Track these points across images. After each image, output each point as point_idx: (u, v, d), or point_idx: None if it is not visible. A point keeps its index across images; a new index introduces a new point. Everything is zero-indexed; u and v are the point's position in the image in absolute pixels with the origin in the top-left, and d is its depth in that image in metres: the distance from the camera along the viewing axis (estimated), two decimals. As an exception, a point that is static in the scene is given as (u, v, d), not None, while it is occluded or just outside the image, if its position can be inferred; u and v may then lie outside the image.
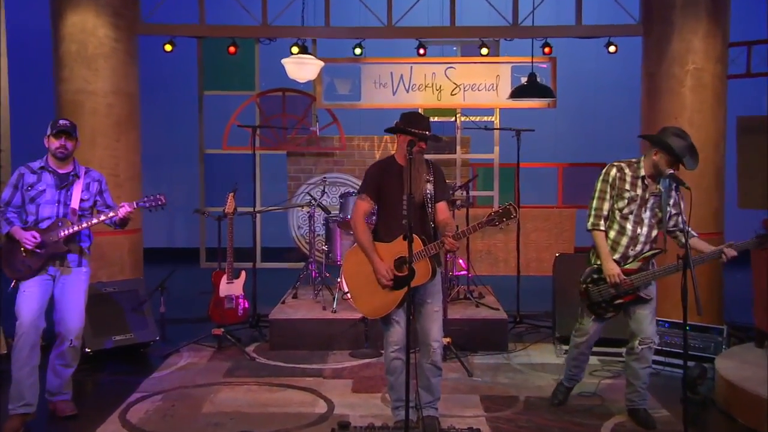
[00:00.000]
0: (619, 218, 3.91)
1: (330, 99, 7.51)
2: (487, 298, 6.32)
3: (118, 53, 6.25)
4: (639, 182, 3.89)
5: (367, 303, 3.74)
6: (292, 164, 7.86)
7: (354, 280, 3.78)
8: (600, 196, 3.93)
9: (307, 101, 7.66)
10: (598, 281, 3.94)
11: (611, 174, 3.91)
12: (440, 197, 3.79)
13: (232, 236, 5.61)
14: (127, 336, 5.42)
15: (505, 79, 7.27)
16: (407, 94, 7.32)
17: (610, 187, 3.91)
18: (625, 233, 3.90)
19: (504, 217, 3.56)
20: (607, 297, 3.92)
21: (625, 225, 3.90)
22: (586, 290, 3.97)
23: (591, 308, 3.99)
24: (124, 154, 6.35)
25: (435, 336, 3.75)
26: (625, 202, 3.89)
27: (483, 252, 7.31)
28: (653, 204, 3.90)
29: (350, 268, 3.81)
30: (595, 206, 3.94)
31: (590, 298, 3.96)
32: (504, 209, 3.57)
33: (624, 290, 3.88)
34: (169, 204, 4.32)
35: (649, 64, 6.23)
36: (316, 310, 5.89)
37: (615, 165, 3.94)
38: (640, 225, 3.89)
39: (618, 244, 3.92)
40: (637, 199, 3.88)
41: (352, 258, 3.79)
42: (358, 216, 3.76)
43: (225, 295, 5.65)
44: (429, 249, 3.62)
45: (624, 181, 3.89)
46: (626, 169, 3.91)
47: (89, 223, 4.06)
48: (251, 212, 6.43)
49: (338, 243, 6.22)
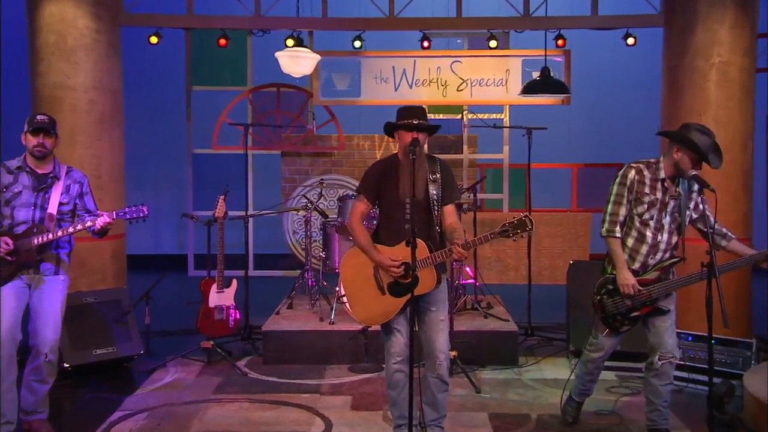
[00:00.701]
0: (638, 224, 3.87)
1: (328, 95, 7.51)
2: (496, 308, 6.30)
3: (99, 45, 6.25)
4: (659, 185, 3.84)
5: (364, 309, 3.72)
6: (287, 165, 7.86)
7: (352, 283, 3.76)
8: (616, 200, 3.89)
9: (303, 97, 7.66)
10: (612, 292, 3.91)
11: (629, 176, 3.86)
12: (448, 199, 3.76)
13: (222, 242, 5.60)
14: (109, 350, 5.40)
15: (516, 73, 7.26)
16: (410, 90, 7.32)
17: (628, 190, 3.86)
18: (644, 240, 3.86)
19: (518, 229, 3.54)
20: (622, 309, 3.89)
21: (644, 232, 3.86)
22: (600, 302, 3.94)
23: (605, 321, 3.96)
24: (107, 153, 6.34)
25: (441, 347, 3.72)
26: (644, 207, 3.85)
27: (492, 259, 7.29)
28: (673, 208, 3.86)
29: (349, 271, 3.79)
30: (611, 211, 3.91)
31: (604, 310, 3.93)
32: (519, 221, 3.55)
33: (641, 302, 3.86)
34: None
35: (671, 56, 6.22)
36: (313, 322, 5.87)
37: (633, 166, 3.89)
38: (661, 231, 3.86)
39: (637, 252, 3.89)
40: (657, 204, 3.83)
41: (351, 260, 3.78)
42: (355, 217, 3.76)
43: (215, 305, 5.63)
44: (435, 257, 3.60)
45: (643, 184, 3.85)
46: (645, 171, 3.86)
47: (65, 231, 4.02)
48: (243, 216, 6.42)
49: (336, 249, 6.21)
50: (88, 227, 4.03)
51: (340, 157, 7.83)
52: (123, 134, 6.58)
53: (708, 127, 3.89)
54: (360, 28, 7.18)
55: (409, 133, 3.65)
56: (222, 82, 7.72)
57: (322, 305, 6.14)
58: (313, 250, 7.09)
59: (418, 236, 3.53)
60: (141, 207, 4.09)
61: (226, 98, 7.62)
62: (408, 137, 3.65)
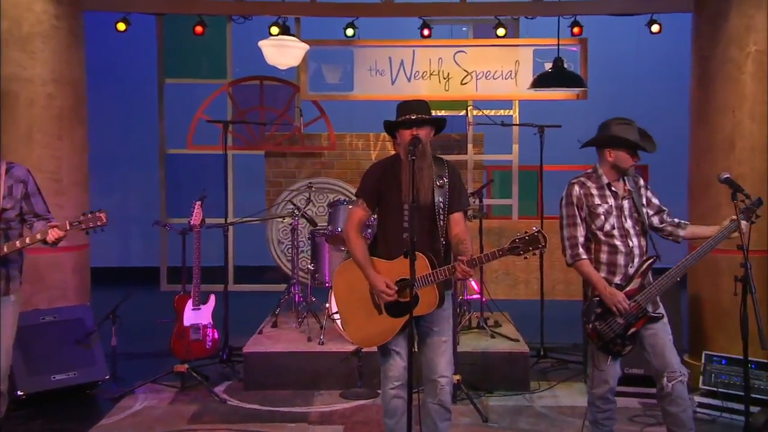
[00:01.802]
0: (603, 237, 3.97)
1: (317, 89, 7.51)
2: (504, 327, 6.29)
3: (59, 33, 6.22)
4: (606, 191, 3.99)
5: (359, 329, 3.71)
6: (272, 167, 7.85)
7: (345, 300, 3.75)
8: (569, 223, 4.00)
9: (289, 92, 7.66)
10: (603, 315, 3.96)
11: (574, 193, 4.00)
12: (455, 207, 3.75)
13: (199, 253, 5.58)
14: (69, 375, 5.37)
15: (526, 65, 7.28)
16: (409, 83, 7.33)
17: (578, 208, 3.99)
18: (618, 250, 3.95)
19: (530, 246, 3.55)
20: (618, 330, 3.94)
21: (613, 242, 3.96)
22: (595, 330, 3.97)
23: (605, 348, 3.99)
24: (68, 154, 6.31)
25: (443, 371, 3.71)
26: (601, 219, 3.96)
27: (499, 272, 7.29)
28: (630, 210, 4.00)
29: (342, 286, 3.78)
30: (568, 235, 4.00)
31: (601, 337, 3.97)
32: (531, 236, 3.55)
33: (633, 316, 3.91)
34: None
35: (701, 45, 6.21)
36: (300, 342, 5.85)
37: (574, 182, 4.05)
38: (628, 237, 3.96)
39: (615, 264, 3.96)
40: (613, 210, 3.97)
41: (345, 274, 3.76)
42: (352, 225, 3.74)
43: (190, 324, 5.62)
44: (437, 274, 3.58)
45: (591, 195, 3.99)
46: (588, 182, 4.01)
47: (11, 247, 3.90)
48: (222, 224, 6.40)
49: (326, 261, 6.20)
50: (37, 241, 3.94)
51: (330, 158, 7.83)
52: (86, 133, 6.55)
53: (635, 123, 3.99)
54: (353, 14, 7.18)
55: (409, 130, 3.64)
56: (198, 75, 7.73)
57: (310, 324, 6.13)
58: (301, 262, 7.06)
59: (419, 248, 3.51)
60: (98, 214, 3.96)
61: (203, 92, 7.62)
62: (408, 135, 3.64)
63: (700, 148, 5.83)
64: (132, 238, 10.77)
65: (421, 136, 3.62)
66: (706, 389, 5.12)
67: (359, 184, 3.79)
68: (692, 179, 5.95)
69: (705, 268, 5.61)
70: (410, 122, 3.63)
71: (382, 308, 3.66)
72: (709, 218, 5.34)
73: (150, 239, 9.39)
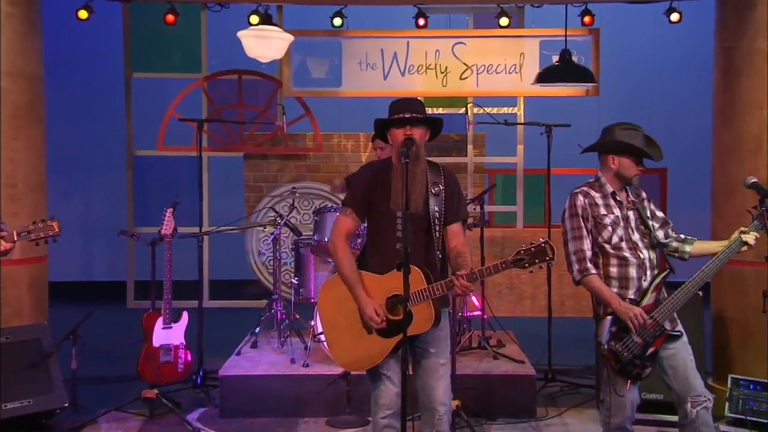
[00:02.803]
0: (611, 251, 4.01)
1: (301, 84, 7.53)
2: (508, 346, 6.30)
3: (13, 21, 6.20)
4: (611, 201, 4.05)
5: (347, 351, 3.71)
6: (252, 170, 7.85)
7: (332, 318, 3.75)
8: (575, 236, 4.03)
9: (270, 87, 7.67)
10: (619, 335, 3.98)
11: (578, 204, 4.04)
12: (453, 217, 3.76)
13: (170, 266, 5.58)
14: (23, 402, 5.32)
15: (532, 58, 7.31)
16: (402, 78, 7.35)
17: (583, 220, 4.03)
18: (628, 263, 3.99)
19: (536, 259, 3.56)
20: (636, 350, 3.95)
21: (623, 254, 4.00)
22: (611, 351, 3.98)
23: (624, 372, 3.99)
24: (24, 156, 6.29)
25: (441, 397, 3.72)
26: (609, 231, 4.01)
27: (503, 286, 7.30)
28: (636, 221, 4.06)
29: (328, 302, 3.78)
30: (573, 249, 4.03)
31: (619, 359, 3.97)
32: (537, 248, 3.57)
33: (651, 334, 3.92)
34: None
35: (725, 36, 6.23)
36: (283, 364, 5.85)
37: (578, 192, 4.09)
38: (637, 249, 4.01)
39: (627, 278, 3.99)
40: (620, 221, 4.02)
41: (332, 289, 3.77)
42: (339, 236, 3.74)
43: (160, 344, 5.60)
44: (433, 290, 3.59)
45: (597, 205, 4.04)
46: (592, 192, 4.07)
47: None
48: (196, 234, 6.40)
49: (312, 275, 6.20)
50: None
51: (316, 160, 7.83)
52: (44, 132, 6.53)
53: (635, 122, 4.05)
54: (341, 2, 7.19)
55: (401, 129, 3.65)
56: (170, 68, 7.72)
57: (294, 344, 6.12)
58: (283, 275, 7.06)
59: (413, 262, 3.51)
60: (49, 223, 3.96)
61: (175, 88, 7.62)
62: (400, 135, 3.65)
63: (724, 149, 5.85)
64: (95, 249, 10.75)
65: (415, 137, 3.62)
66: (733, 417, 5.14)
67: (347, 189, 3.81)
68: (715, 184, 5.97)
69: (730, 282, 5.64)
70: (403, 121, 3.65)
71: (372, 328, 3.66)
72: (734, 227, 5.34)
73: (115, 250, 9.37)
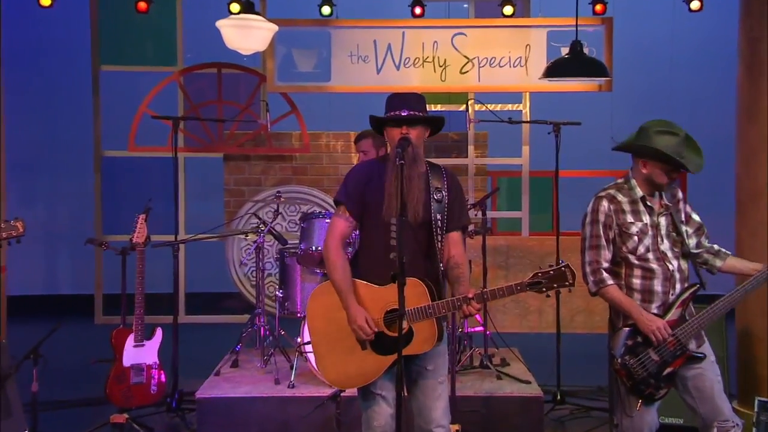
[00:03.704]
0: (636, 261, 4.00)
1: (287, 79, 7.55)
2: (513, 365, 6.32)
3: (-31, 8, 6.21)
4: (641, 206, 4.02)
5: (337, 367, 3.71)
6: (232, 173, 7.87)
7: (322, 331, 3.75)
8: (593, 245, 4.02)
9: (253, 82, 7.69)
10: (635, 349, 3.98)
11: (602, 210, 4.02)
12: (454, 224, 3.78)
13: (142, 277, 5.58)
14: (-18, 427, 5.33)
15: (539, 50, 7.34)
16: (397, 72, 7.37)
17: (605, 227, 4.01)
18: (653, 275, 3.98)
19: (555, 283, 3.59)
20: (652, 368, 3.96)
21: (649, 266, 3.99)
22: (625, 366, 4.00)
23: (636, 390, 4.01)
24: (-20, 157, 6.31)
25: (439, 419, 3.73)
26: (635, 241, 3.98)
27: (507, 299, 7.32)
28: (668, 228, 4.03)
29: (318, 313, 3.77)
30: (589, 259, 4.02)
31: (632, 376, 3.99)
32: (557, 271, 3.58)
33: (670, 353, 3.93)
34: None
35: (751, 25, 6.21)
36: (266, 385, 5.85)
37: (603, 195, 4.06)
38: (665, 260, 3.99)
39: (651, 292, 3.99)
40: (648, 230, 3.99)
41: (322, 298, 3.76)
42: (334, 240, 3.73)
43: (131, 364, 5.60)
44: (437, 308, 3.60)
45: (622, 212, 4.01)
46: (619, 195, 4.03)
47: None
48: (172, 242, 6.40)
49: (298, 287, 6.20)
50: None
51: (303, 161, 7.86)
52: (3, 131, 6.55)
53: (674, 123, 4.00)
54: (330, -12, 7.25)
55: (398, 128, 3.68)
56: (142, 61, 7.74)
57: (278, 363, 6.13)
58: (267, 287, 7.08)
59: (414, 274, 3.53)
60: (13, 222, 3.96)
61: (148, 82, 7.64)
62: (396, 135, 3.67)
63: (749, 149, 5.85)
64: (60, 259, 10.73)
65: (412, 137, 3.64)
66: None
67: (341, 186, 3.79)
68: (740, 188, 5.97)
69: (756, 297, 5.63)
70: (400, 120, 3.67)
71: (367, 343, 3.67)
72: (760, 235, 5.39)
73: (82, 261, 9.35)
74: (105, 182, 7.70)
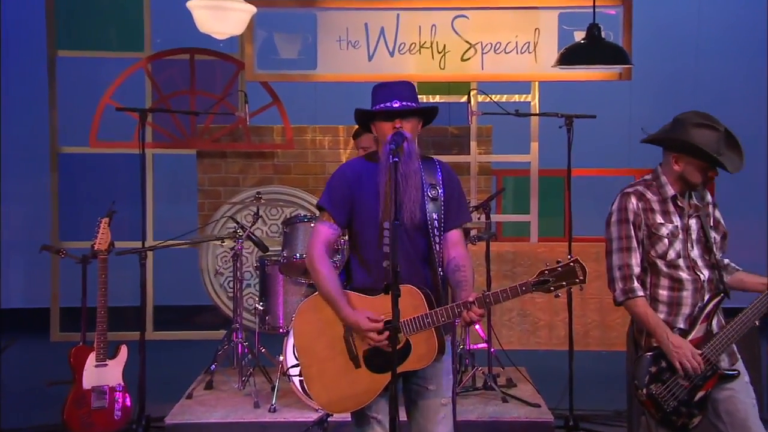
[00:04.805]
0: (664, 268, 3.99)
1: (267, 67, 7.55)
2: (520, 386, 6.35)
3: None
4: (671, 206, 4.00)
5: (329, 389, 3.72)
6: (207, 171, 7.87)
7: (310, 349, 3.75)
8: (622, 247, 4.00)
9: (230, 70, 7.71)
10: (661, 376, 3.97)
11: (630, 208, 4.00)
12: (452, 222, 3.78)
13: (105, 289, 5.58)
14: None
15: (549, 34, 7.35)
16: (391, 59, 7.38)
17: (634, 227, 3.99)
18: (682, 285, 3.97)
19: (564, 281, 3.58)
20: (682, 395, 3.95)
21: (677, 275, 3.98)
22: (651, 397, 3.98)
23: (667, 422, 3.97)
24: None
25: (440, 446, 3.76)
26: (665, 244, 3.97)
27: (514, 312, 7.34)
28: (698, 231, 4.02)
29: (305, 329, 3.78)
30: (618, 263, 4.01)
31: (661, 407, 3.98)
32: (565, 267, 3.58)
33: (701, 375, 3.93)
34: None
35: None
36: (244, 408, 5.87)
37: (630, 192, 4.04)
38: (696, 268, 3.99)
39: (679, 305, 3.98)
40: (679, 233, 3.98)
41: (310, 313, 3.77)
42: (317, 248, 3.73)
43: (93, 386, 5.59)
44: (436, 316, 3.59)
45: (652, 211, 3.99)
46: (648, 193, 4.02)
47: None
48: (139, 249, 6.41)
49: (281, 299, 6.21)
50: None
51: (285, 159, 7.86)
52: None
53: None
54: (315, -35, 7.28)
55: (389, 122, 3.70)
56: (104, 46, 7.74)
57: (258, 383, 6.14)
58: (246, 300, 7.09)
59: (410, 281, 3.55)
60: None
61: (112, 70, 7.63)
62: (388, 130, 3.69)
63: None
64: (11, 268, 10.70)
65: (407, 130, 3.65)
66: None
67: (324, 191, 3.80)
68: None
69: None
70: (391, 113, 3.70)
71: (361, 360, 3.68)
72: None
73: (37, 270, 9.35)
74: (62, 182, 7.69)
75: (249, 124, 7.58)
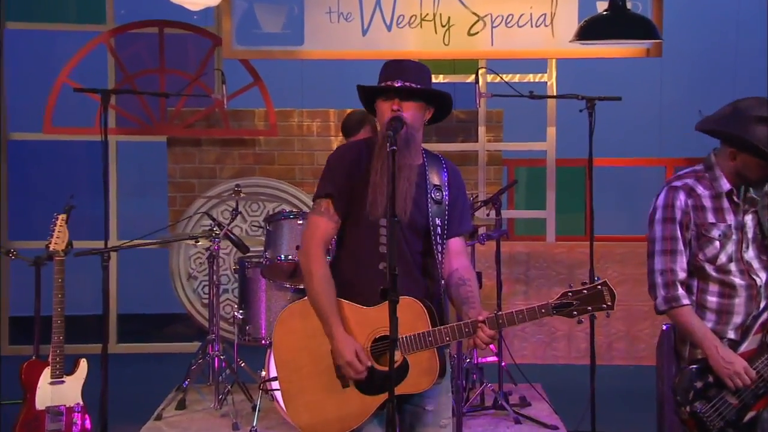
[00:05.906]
0: (713, 273, 3.99)
1: (248, 42, 7.55)
2: (535, 405, 6.37)
3: None
4: (725, 202, 3.99)
5: (311, 410, 3.71)
6: (179, 161, 7.87)
7: (292, 363, 3.74)
8: (666, 249, 4.01)
9: (205, 46, 7.70)
10: (707, 392, 3.98)
11: (677, 205, 3.99)
12: (455, 229, 3.78)
13: (62, 295, 5.58)
14: None
15: (568, 5, 7.36)
16: (389, 33, 7.38)
17: (681, 226, 3.99)
18: (734, 292, 3.97)
19: (589, 305, 3.58)
20: (730, 415, 3.96)
21: (729, 279, 3.97)
22: (695, 415, 3.99)
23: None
24: None
25: (441, 475, 3.76)
26: (716, 247, 3.97)
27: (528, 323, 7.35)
28: (754, 228, 4.01)
29: (287, 340, 3.76)
30: (662, 268, 4.02)
31: (705, 427, 3.99)
32: (592, 291, 3.57)
33: (752, 393, 3.93)
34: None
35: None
36: (221, 431, 5.89)
37: (679, 186, 4.01)
38: (750, 271, 3.98)
39: (729, 313, 3.98)
40: (732, 233, 3.97)
41: (294, 321, 3.75)
42: (315, 245, 3.68)
43: (47, 406, 5.60)
44: (440, 335, 3.58)
45: (703, 209, 3.99)
46: (699, 188, 4.01)
47: None
48: (101, 250, 6.41)
49: (263, 306, 6.22)
50: None
51: (268, 147, 7.86)
52: None
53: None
54: (302, -74, 7.28)
55: (389, 102, 3.66)
56: (61, 17, 7.74)
57: (237, 402, 6.16)
58: (223, 307, 7.08)
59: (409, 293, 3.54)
60: None
61: (69, 45, 7.63)
62: (386, 110, 3.64)
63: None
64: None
65: (406, 116, 3.60)
66: None
67: (322, 174, 3.74)
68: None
69: None
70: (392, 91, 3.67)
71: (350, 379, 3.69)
72: None
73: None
74: (12, 173, 7.67)
75: (226, 108, 7.59)
